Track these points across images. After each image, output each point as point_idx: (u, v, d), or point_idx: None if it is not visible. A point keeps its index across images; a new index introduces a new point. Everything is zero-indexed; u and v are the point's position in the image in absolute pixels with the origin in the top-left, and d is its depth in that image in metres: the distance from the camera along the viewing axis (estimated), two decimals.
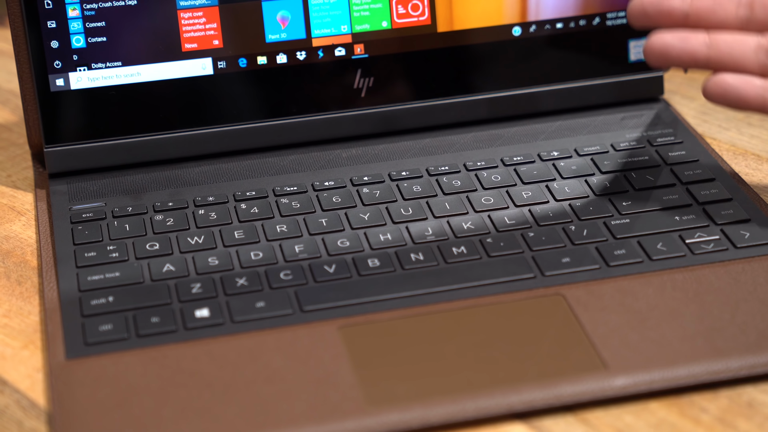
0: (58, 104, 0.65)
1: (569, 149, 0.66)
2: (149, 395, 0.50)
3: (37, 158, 0.67)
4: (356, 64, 0.67)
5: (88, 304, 0.55)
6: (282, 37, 0.66)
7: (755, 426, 0.49)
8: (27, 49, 0.64)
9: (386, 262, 0.58)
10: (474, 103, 0.68)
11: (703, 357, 0.51)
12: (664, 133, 0.67)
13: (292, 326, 0.54)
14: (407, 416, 0.49)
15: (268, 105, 0.67)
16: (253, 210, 0.62)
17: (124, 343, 0.53)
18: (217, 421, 0.49)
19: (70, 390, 0.51)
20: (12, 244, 0.62)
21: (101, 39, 0.64)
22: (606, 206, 0.61)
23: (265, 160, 0.66)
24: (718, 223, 0.59)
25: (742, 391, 0.51)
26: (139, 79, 0.65)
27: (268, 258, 0.58)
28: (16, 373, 0.53)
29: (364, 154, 0.67)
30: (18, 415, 0.51)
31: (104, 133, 0.65)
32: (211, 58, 0.66)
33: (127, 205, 0.63)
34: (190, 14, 0.65)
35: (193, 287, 0.56)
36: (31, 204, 0.65)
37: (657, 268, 0.57)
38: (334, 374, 0.51)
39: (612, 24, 0.69)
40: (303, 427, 0.49)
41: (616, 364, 0.51)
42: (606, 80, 0.69)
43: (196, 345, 0.53)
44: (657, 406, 0.50)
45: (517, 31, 0.68)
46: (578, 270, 0.57)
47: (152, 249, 0.59)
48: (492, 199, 0.62)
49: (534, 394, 0.50)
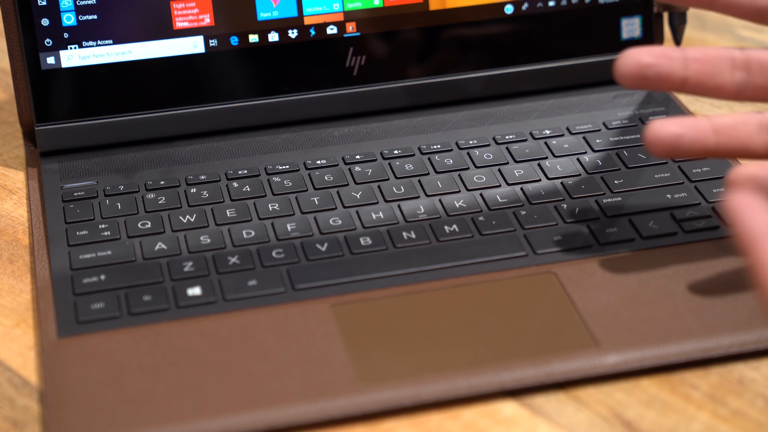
0: (49, 82, 0.65)
1: (561, 127, 0.66)
2: (141, 373, 0.50)
3: (28, 137, 0.67)
4: (348, 43, 0.67)
5: (80, 282, 0.55)
6: (274, 15, 0.66)
7: (745, 402, 0.49)
8: (17, 26, 0.64)
9: (378, 240, 0.58)
10: (466, 82, 0.68)
11: (694, 334, 0.51)
12: (655, 111, 0.68)
13: (285, 304, 0.54)
14: (399, 394, 0.49)
15: (260, 83, 0.67)
16: (245, 188, 0.62)
17: (116, 322, 0.53)
18: (209, 399, 0.49)
19: (62, 368, 0.51)
20: (3, 222, 0.62)
21: (92, 17, 0.64)
22: (598, 184, 0.61)
23: (257, 138, 0.66)
24: (709, 201, 0.60)
25: (733, 368, 0.51)
26: (131, 57, 0.65)
27: (260, 236, 0.58)
28: (8, 351, 0.53)
29: (356, 132, 0.67)
30: (10, 393, 0.51)
31: (96, 112, 0.65)
32: (202, 36, 0.66)
33: (118, 183, 0.63)
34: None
35: (185, 266, 0.56)
36: (22, 182, 0.65)
37: (648, 246, 0.57)
38: (327, 352, 0.51)
39: (604, 2, 0.69)
40: (295, 405, 0.49)
41: (608, 341, 0.51)
42: (598, 58, 0.69)
43: (188, 323, 0.53)
44: (648, 383, 0.50)
45: (509, 9, 0.68)
46: (570, 248, 0.57)
47: (144, 227, 0.59)
48: (484, 178, 0.62)
49: (526, 371, 0.50)
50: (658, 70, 0.51)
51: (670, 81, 0.51)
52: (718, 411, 0.49)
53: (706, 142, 0.51)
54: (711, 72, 0.51)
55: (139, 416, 0.48)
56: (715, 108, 0.70)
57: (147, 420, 0.48)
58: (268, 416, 0.48)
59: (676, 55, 0.51)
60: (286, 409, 0.49)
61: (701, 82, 0.51)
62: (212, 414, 0.48)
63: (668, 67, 0.51)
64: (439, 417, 0.49)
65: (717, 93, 0.52)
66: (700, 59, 0.51)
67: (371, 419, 0.49)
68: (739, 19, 0.53)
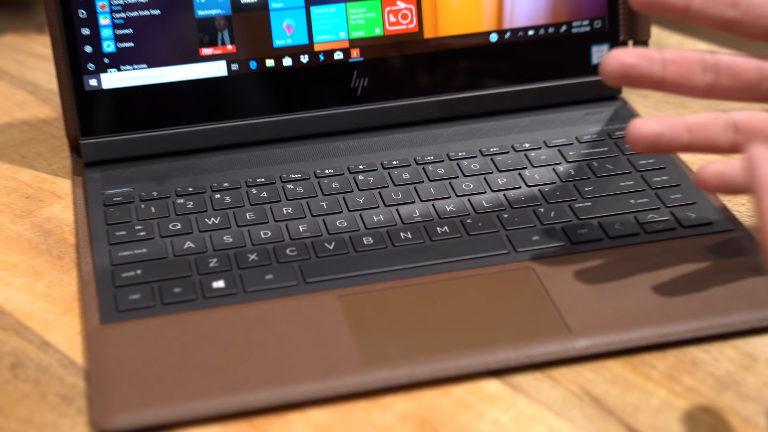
0: (91, 102, 0.65)
1: (539, 141, 0.67)
2: (172, 355, 0.51)
3: (74, 149, 0.67)
4: (353, 67, 0.67)
5: (119, 276, 0.56)
6: (288, 42, 0.66)
7: (697, 381, 0.50)
8: (64, 53, 0.64)
9: (379, 240, 0.58)
10: (456, 101, 0.69)
11: (653, 322, 0.52)
12: (621, 127, 0.68)
13: (297, 296, 0.54)
14: (397, 374, 0.49)
15: (275, 102, 0.67)
16: (263, 194, 0.62)
17: (151, 310, 0.54)
18: (231, 378, 0.49)
19: (104, 351, 0.51)
20: (53, 224, 0.63)
21: (129, 44, 0.65)
22: (571, 191, 0.61)
23: (273, 150, 0.66)
24: (667, 206, 0.60)
25: (687, 350, 0.51)
26: (163, 79, 0.66)
27: (276, 236, 0.59)
28: (57, 336, 0.54)
29: (360, 145, 0.67)
30: (60, 372, 0.51)
31: (132, 127, 0.66)
32: (225, 61, 0.66)
33: (152, 190, 0.63)
34: None
35: (211, 262, 0.57)
36: (69, 189, 0.66)
37: (615, 245, 0.57)
38: (333, 337, 0.52)
39: (577, 31, 0.69)
40: (306, 384, 0.49)
41: (579, 328, 0.52)
42: (571, 81, 0.69)
43: (213, 312, 0.53)
44: (613, 364, 0.51)
45: (494, 37, 0.68)
46: (546, 247, 0.57)
47: (174, 228, 0.60)
48: (471, 185, 0.63)
49: (507, 354, 0.50)
50: (640, 71, 0.50)
51: (649, 81, 0.50)
52: (673, 388, 0.49)
53: (681, 139, 0.50)
54: (685, 74, 0.50)
55: (171, 392, 0.49)
56: None
57: (177, 396, 0.49)
58: (283, 393, 0.49)
59: (656, 56, 0.50)
60: (298, 387, 0.49)
61: (677, 83, 0.50)
62: (234, 391, 0.49)
63: (648, 68, 0.50)
64: (431, 393, 0.49)
65: (689, 92, 0.51)
66: (676, 61, 0.50)
67: (372, 395, 0.49)
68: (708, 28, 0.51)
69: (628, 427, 0.48)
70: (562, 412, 0.48)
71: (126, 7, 0.64)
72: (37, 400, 0.50)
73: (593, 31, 0.69)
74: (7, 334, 0.54)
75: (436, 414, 0.48)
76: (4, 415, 0.49)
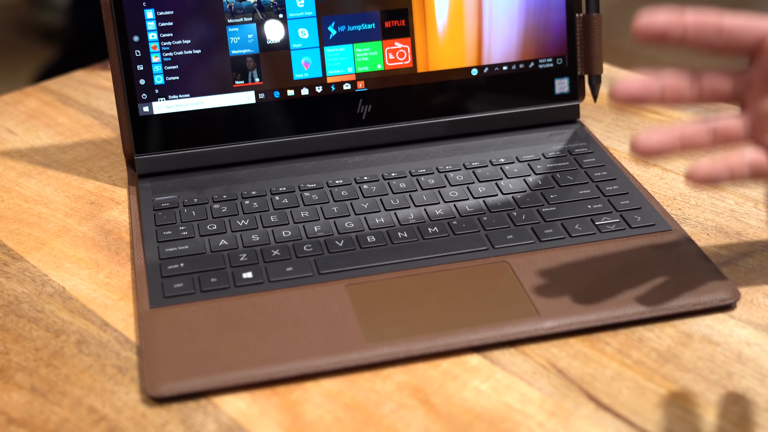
0: (144, 125, 0.64)
1: (512, 157, 0.66)
2: (209, 334, 0.50)
3: (129, 164, 0.66)
4: (359, 95, 0.67)
5: (166, 268, 0.55)
6: (305, 75, 0.66)
7: (643, 354, 0.49)
8: (122, 85, 0.63)
9: (380, 238, 0.57)
10: (444, 124, 0.68)
11: (607, 306, 0.51)
12: (579, 145, 0.67)
13: (312, 285, 0.53)
14: (395, 350, 0.49)
15: (295, 125, 0.66)
16: (284, 201, 0.61)
17: (191, 297, 0.53)
18: (257, 353, 0.49)
19: (153, 330, 0.51)
20: (112, 225, 0.62)
21: (175, 78, 0.64)
22: (538, 198, 0.61)
23: (293, 164, 0.66)
24: (618, 210, 0.59)
25: (635, 330, 0.51)
26: (202, 106, 0.65)
27: (295, 235, 0.58)
28: (115, 317, 0.53)
29: (364, 160, 0.66)
30: (116, 348, 0.51)
31: (177, 145, 0.65)
32: (253, 91, 0.65)
33: (193, 197, 0.62)
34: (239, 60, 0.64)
35: (241, 256, 0.56)
36: (125, 196, 0.65)
37: (575, 243, 0.56)
38: (342, 320, 0.51)
39: (542, 67, 0.68)
40: (319, 358, 0.48)
41: (546, 311, 0.51)
42: (538, 107, 0.69)
43: (242, 298, 0.53)
44: (574, 341, 0.50)
45: (475, 71, 0.68)
46: (519, 244, 0.56)
47: (211, 229, 0.59)
48: (457, 193, 0.62)
49: (486, 333, 0.50)
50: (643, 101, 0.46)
51: (650, 105, 0.47)
52: (624, 361, 0.49)
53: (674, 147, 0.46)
54: (678, 98, 0.47)
55: (207, 365, 0.48)
56: (622, 143, 0.69)
57: (212, 368, 0.48)
58: (300, 366, 0.48)
59: (656, 86, 0.46)
60: (313, 361, 0.48)
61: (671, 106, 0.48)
62: (260, 364, 0.48)
63: (650, 98, 0.46)
64: (424, 366, 0.49)
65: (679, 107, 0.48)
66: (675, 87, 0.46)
67: (374, 368, 0.49)
68: None
69: (587, 394, 0.47)
70: (532, 381, 0.48)
71: (173, 48, 0.63)
72: (98, 370, 0.49)
73: (556, 66, 0.68)
74: (73, 316, 0.53)
75: (428, 383, 0.48)
76: (71, 383, 0.49)
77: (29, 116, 0.76)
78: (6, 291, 0.55)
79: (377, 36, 0.66)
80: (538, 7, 0.67)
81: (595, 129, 0.71)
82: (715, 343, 0.49)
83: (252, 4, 0.64)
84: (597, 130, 0.71)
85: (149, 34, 0.63)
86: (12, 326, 0.52)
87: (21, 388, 0.48)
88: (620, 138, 0.70)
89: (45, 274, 0.57)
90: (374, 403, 0.47)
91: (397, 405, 0.47)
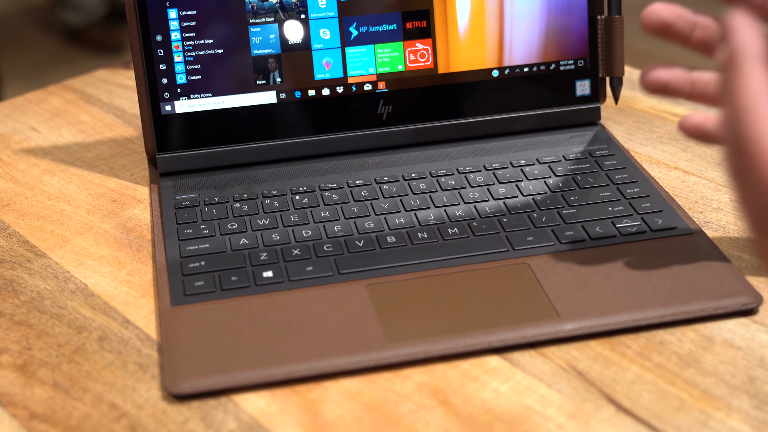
0: (166, 124, 0.64)
1: (533, 158, 0.65)
2: (230, 332, 0.50)
3: (151, 162, 0.66)
4: (379, 96, 0.67)
5: (187, 266, 0.55)
6: (326, 76, 0.66)
7: (664, 358, 0.49)
8: (145, 84, 0.64)
9: (400, 239, 0.57)
10: (464, 125, 0.68)
11: (628, 309, 0.51)
12: (600, 148, 0.67)
13: (332, 285, 0.53)
14: (415, 350, 0.49)
15: (315, 125, 0.66)
16: (305, 200, 0.61)
17: (212, 295, 0.53)
18: (277, 352, 0.49)
19: (174, 328, 0.51)
20: (134, 223, 0.62)
21: (197, 77, 0.64)
22: (559, 200, 0.60)
23: (313, 164, 0.66)
24: (639, 213, 0.59)
25: (656, 333, 0.50)
26: (224, 105, 0.65)
27: (315, 235, 0.58)
28: (136, 315, 0.53)
29: (385, 161, 0.66)
30: (138, 345, 0.51)
31: (199, 144, 0.65)
32: (275, 90, 0.65)
33: (214, 196, 0.62)
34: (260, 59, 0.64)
35: (261, 255, 0.56)
36: (147, 195, 0.65)
37: (595, 245, 0.56)
38: (362, 320, 0.51)
39: (563, 69, 0.68)
40: (339, 358, 0.48)
41: (566, 313, 0.51)
42: (559, 109, 0.68)
43: (263, 297, 0.53)
44: (595, 343, 0.50)
45: (496, 72, 0.67)
46: (539, 246, 0.56)
47: (232, 228, 0.59)
48: (477, 194, 0.61)
49: (506, 334, 0.49)
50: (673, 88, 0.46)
51: (678, 96, 0.47)
52: (644, 364, 0.48)
53: None
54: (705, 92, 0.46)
55: (227, 363, 0.48)
56: (642, 146, 0.69)
57: (233, 366, 0.48)
58: (320, 364, 0.48)
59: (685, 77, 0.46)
60: (333, 360, 0.48)
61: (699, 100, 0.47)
62: (280, 362, 0.48)
63: (679, 87, 0.46)
64: (443, 367, 0.49)
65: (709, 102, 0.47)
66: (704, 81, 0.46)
67: (394, 368, 0.49)
68: None
69: (607, 397, 0.46)
70: (552, 384, 0.47)
71: (195, 47, 0.63)
72: (120, 367, 0.49)
73: (577, 68, 0.68)
74: (95, 313, 0.53)
75: (447, 384, 0.48)
76: (93, 379, 0.49)
77: (52, 114, 0.77)
78: (29, 287, 0.56)
79: (398, 37, 0.66)
80: (559, 9, 0.67)
81: (616, 131, 0.71)
82: (737, 348, 0.49)
83: (274, 4, 0.64)
84: (618, 132, 0.71)
85: (172, 34, 0.63)
86: (35, 322, 0.53)
87: (44, 383, 0.49)
88: (641, 140, 0.70)
89: (67, 270, 0.57)
90: (394, 403, 0.47)
91: (417, 405, 0.46)
